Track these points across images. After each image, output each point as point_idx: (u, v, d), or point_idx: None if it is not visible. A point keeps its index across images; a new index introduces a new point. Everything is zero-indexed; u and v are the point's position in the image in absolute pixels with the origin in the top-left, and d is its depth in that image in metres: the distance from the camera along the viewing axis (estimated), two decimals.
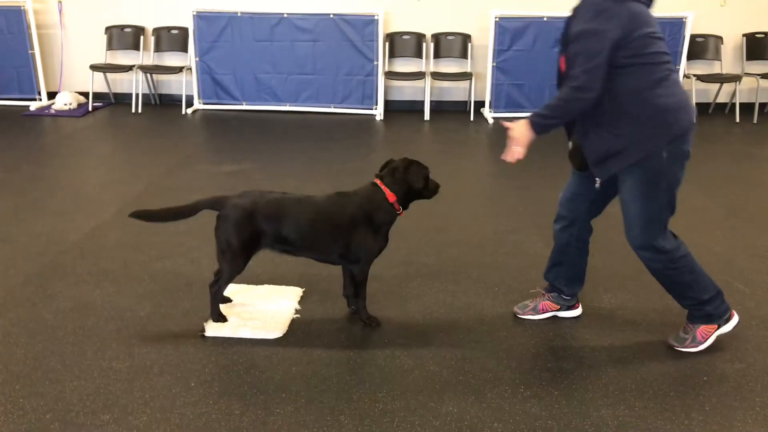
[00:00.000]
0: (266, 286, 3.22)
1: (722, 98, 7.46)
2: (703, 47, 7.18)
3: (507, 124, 2.52)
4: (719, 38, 7.15)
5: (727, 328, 2.73)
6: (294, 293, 3.14)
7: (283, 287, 3.20)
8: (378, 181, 2.80)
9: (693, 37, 6.97)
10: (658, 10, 2.51)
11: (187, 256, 3.57)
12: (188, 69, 7.22)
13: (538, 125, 2.46)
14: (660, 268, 2.62)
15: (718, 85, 7.30)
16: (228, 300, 3.04)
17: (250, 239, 2.72)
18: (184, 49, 7.32)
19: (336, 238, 2.76)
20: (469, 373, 2.58)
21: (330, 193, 2.84)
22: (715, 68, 7.25)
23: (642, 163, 2.45)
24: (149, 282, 3.28)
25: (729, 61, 7.28)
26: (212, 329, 2.82)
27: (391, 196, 2.77)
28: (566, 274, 2.91)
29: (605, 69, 2.34)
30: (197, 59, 7.13)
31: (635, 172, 2.48)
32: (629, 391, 2.48)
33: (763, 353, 2.74)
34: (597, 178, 2.59)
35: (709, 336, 2.71)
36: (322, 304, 3.07)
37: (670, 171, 2.47)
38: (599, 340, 2.83)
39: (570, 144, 2.70)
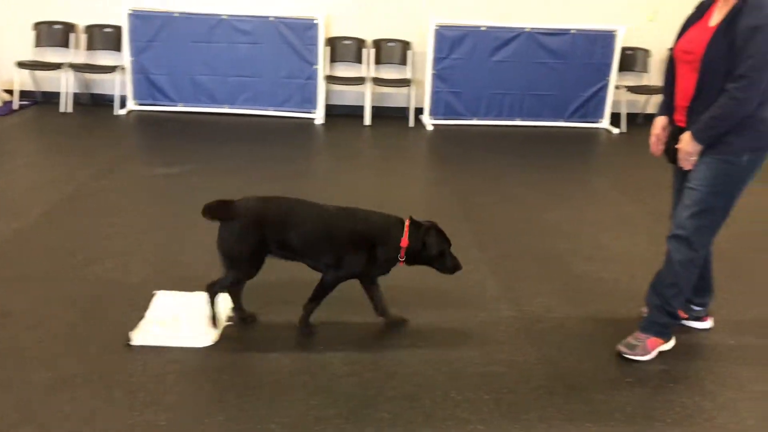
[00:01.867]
0: (199, 293, 3.14)
1: (651, 108, 7.75)
2: (632, 60, 7.45)
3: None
4: (647, 51, 7.45)
5: (667, 346, 2.88)
6: (227, 300, 3.08)
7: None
8: (407, 221, 2.77)
9: (623, 49, 7.23)
10: (591, 23, 2.60)
11: (117, 260, 3.45)
12: (122, 68, 7.02)
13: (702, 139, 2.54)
14: (680, 260, 2.68)
15: (646, 96, 7.59)
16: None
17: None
18: (118, 48, 7.10)
19: (333, 247, 2.73)
20: (403, 378, 2.60)
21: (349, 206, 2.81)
22: (643, 80, 7.54)
23: (725, 157, 2.53)
24: (76, 288, 3.16)
25: (656, 73, 7.58)
26: (139, 338, 2.74)
27: (404, 241, 2.73)
28: (694, 284, 2.89)
29: None
30: (132, 59, 6.93)
31: (714, 163, 2.55)
32: (558, 394, 2.54)
33: (682, 356, 2.86)
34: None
35: (655, 348, 2.83)
36: (256, 312, 3.02)
37: (743, 175, 2.56)
38: (530, 346, 2.89)
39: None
